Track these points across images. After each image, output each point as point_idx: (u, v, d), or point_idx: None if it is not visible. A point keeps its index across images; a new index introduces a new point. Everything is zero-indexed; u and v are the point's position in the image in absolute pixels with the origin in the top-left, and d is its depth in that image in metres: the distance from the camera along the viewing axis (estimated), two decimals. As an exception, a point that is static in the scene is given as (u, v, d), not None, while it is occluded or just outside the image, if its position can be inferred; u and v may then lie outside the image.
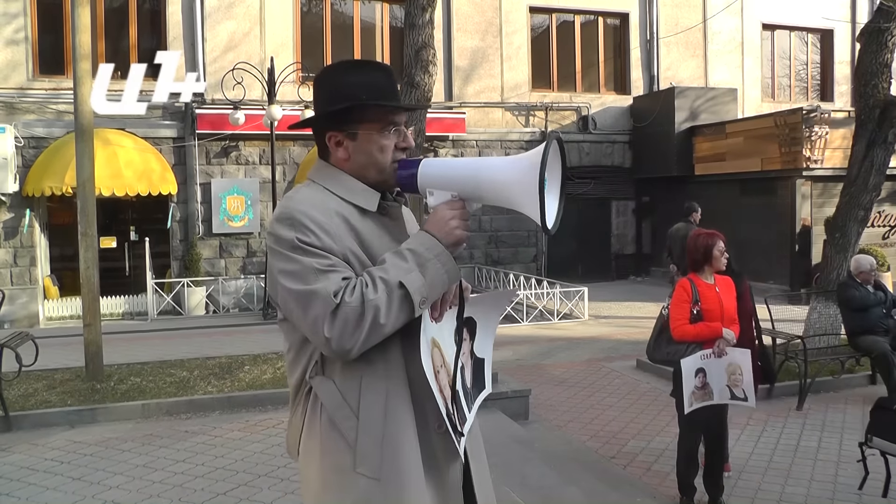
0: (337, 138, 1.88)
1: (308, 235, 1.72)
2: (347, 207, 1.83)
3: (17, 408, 6.60)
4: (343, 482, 1.75)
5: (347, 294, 1.65)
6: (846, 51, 18.51)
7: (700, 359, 4.43)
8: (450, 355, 1.88)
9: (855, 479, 5.06)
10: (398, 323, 1.70)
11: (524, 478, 4.76)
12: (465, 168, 1.82)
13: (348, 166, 1.89)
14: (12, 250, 12.99)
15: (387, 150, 1.88)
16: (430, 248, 1.73)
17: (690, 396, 4.44)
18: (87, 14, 7.76)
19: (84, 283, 7.68)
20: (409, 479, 1.74)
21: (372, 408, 1.76)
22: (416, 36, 7.31)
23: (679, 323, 4.53)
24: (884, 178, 8.51)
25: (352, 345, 1.66)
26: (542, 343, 10.13)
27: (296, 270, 1.70)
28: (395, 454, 1.74)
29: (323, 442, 1.79)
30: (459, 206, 1.78)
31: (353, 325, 1.64)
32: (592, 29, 17.36)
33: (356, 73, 1.91)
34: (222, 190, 14.02)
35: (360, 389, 1.76)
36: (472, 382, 1.99)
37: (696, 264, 4.64)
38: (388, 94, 1.90)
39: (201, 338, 10.79)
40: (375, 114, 1.87)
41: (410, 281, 1.68)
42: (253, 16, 14.42)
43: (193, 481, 5.07)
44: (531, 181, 1.63)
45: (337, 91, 1.87)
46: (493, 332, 2.12)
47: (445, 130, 15.19)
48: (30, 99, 13.14)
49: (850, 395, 7.36)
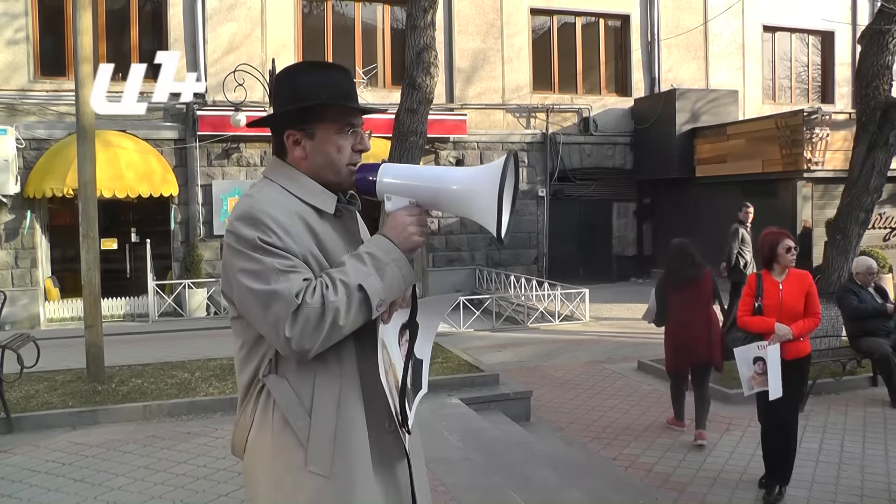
0: (295, 137, 1.90)
1: (270, 235, 1.73)
2: (305, 209, 1.85)
3: (19, 409, 6.59)
4: (295, 480, 1.77)
5: (308, 295, 1.68)
6: (847, 53, 18.52)
7: (757, 349, 4.81)
8: (396, 355, 1.92)
9: (857, 480, 5.07)
10: (356, 324, 1.74)
11: (527, 479, 4.76)
12: (424, 176, 1.85)
13: (305, 166, 1.91)
14: (13, 252, 13.00)
15: (343, 151, 1.91)
16: (388, 253, 1.77)
17: (749, 381, 4.87)
18: (88, 17, 7.77)
19: (85, 284, 7.68)
20: (358, 477, 1.79)
21: (324, 407, 1.79)
22: (417, 37, 7.31)
23: (741, 314, 5.00)
24: (885, 180, 8.52)
25: (311, 345, 1.69)
26: (544, 345, 10.10)
27: (257, 270, 1.71)
28: (345, 453, 1.78)
29: (274, 440, 1.80)
30: (417, 213, 1.82)
31: (313, 326, 1.67)
32: (593, 30, 17.38)
33: (317, 73, 1.95)
34: (223, 191, 14.03)
35: (314, 388, 1.79)
36: (411, 382, 2.02)
37: (766, 261, 4.95)
38: (347, 95, 1.93)
39: (202, 339, 10.79)
40: (334, 114, 1.90)
41: (370, 284, 1.72)
42: (254, 17, 14.44)
43: (195, 483, 5.07)
44: (490, 194, 1.68)
45: (297, 90, 1.90)
46: (433, 334, 2.15)
47: (446, 132, 15.20)
48: (31, 100, 13.16)
49: (852, 397, 7.35)
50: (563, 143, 16.45)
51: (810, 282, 4.87)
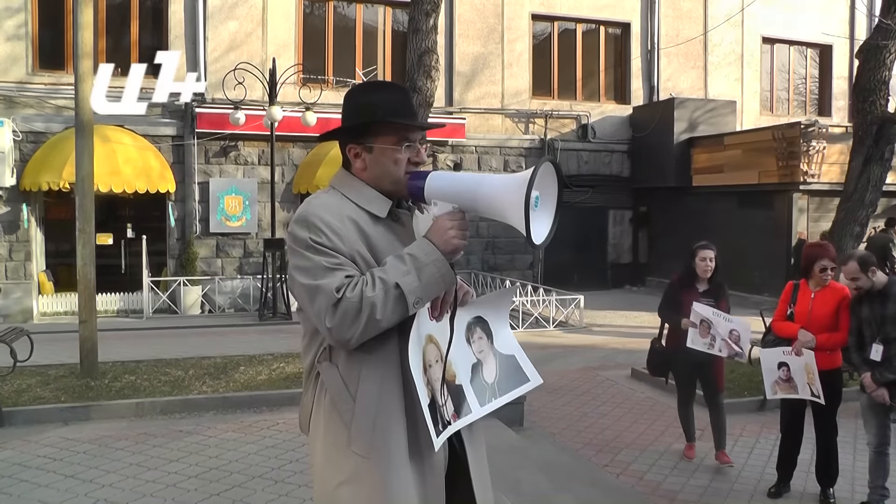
0: (355, 150, 2.10)
1: (320, 236, 1.93)
2: (361, 213, 2.03)
3: (10, 404, 6.58)
4: (339, 458, 1.98)
5: (349, 290, 1.85)
6: (844, 66, 18.61)
7: (782, 353, 4.93)
8: (460, 352, 2.09)
9: (847, 491, 5.09)
10: (394, 319, 1.88)
11: (517, 484, 4.77)
12: (465, 183, 1.98)
13: (366, 176, 2.10)
14: (7, 245, 12.96)
15: (400, 164, 2.08)
16: (428, 254, 1.91)
17: (773, 385, 5.00)
18: (89, 12, 7.76)
19: (81, 279, 7.66)
20: (394, 460, 1.95)
21: (367, 394, 1.96)
22: (419, 41, 7.33)
23: (774, 319, 5.20)
24: (880, 194, 8.57)
25: (350, 335, 1.86)
26: (537, 350, 10.10)
27: (307, 267, 1.93)
28: (384, 437, 1.95)
29: (325, 420, 2.02)
30: (459, 217, 1.95)
31: (351, 318, 1.84)
32: (594, 38, 17.43)
33: (374, 92, 2.17)
34: (220, 189, 14.01)
35: (360, 377, 1.97)
36: (498, 378, 2.20)
37: (804, 272, 5.05)
38: (403, 112, 2.09)
39: (196, 337, 10.78)
40: (390, 130, 2.06)
41: (406, 282, 1.86)
42: (255, 16, 14.44)
43: (187, 481, 5.06)
44: (518, 199, 1.78)
45: (357, 108, 2.10)
46: (505, 328, 2.29)
47: (445, 136, 15.21)
48: (29, 93, 13.13)
49: (843, 409, 7.30)
50: (560, 150, 16.49)
51: (845, 297, 4.82)
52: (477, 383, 2.13)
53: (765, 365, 5.06)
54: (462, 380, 2.09)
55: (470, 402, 2.09)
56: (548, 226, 1.90)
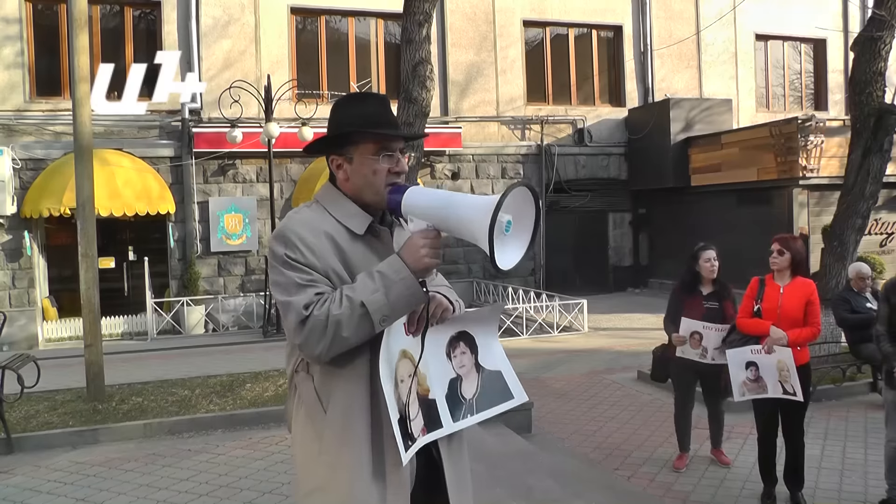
0: (338, 162, 2.13)
1: (295, 252, 1.96)
2: (340, 229, 2.05)
3: (19, 430, 6.57)
4: (312, 465, 2.04)
5: (316, 308, 1.88)
6: (839, 60, 18.65)
7: (750, 353, 4.80)
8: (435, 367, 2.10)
9: (860, 486, 5.06)
10: (361, 335, 1.90)
11: (530, 490, 4.75)
12: (439, 201, 1.94)
13: (348, 187, 2.12)
14: (10, 272, 12.98)
15: (379, 174, 2.08)
16: (397, 272, 1.90)
17: (741, 386, 4.87)
18: (85, 36, 7.80)
19: (85, 303, 7.67)
20: (360, 475, 1.98)
21: (337, 407, 2.00)
22: (413, 52, 7.34)
23: (739, 316, 5.02)
24: (880, 185, 8.55)
25: (319, 351, 1.89)
26: (543, 356, 10.10)
27: (282, 282, 1.97)
28: (350, 450, 1.98)
29: (301, 428, 2.09)
30: (432, 236, 1.92)
31: (317, 335, 1.87)
32: (586, 42, 17.47)
33: (354, 104, 2.17)
34: (220, 208, 14.04)
35: (331, 390, 2.01)
36: (478, 394, 2.19)
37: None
38: (381, 123, 2.11)
39: (201, 356, 10.77)
40: (369, 140, 2.08)
41: (372, 301, 1.87)
42: (248, 34, 14.50)
43: (197, 500, 5.06)
44: (483, 223, 1.75)
45: (337, 120, 2.14)
46: (493, 343, 2.25)
47: (442, 145, 15.25)
48: (27, 121, 13.18)
49: (852, 402, 7.35)
50: (557, 155, 16.51)
51: (813, 291, 4.76)
52: (452, 398, 2.12)
53: (732, 366, 4.89)
54: (436, 394, 2.09)
55: (442, 417, 2.09)
56: (521, 251, 1.87)
